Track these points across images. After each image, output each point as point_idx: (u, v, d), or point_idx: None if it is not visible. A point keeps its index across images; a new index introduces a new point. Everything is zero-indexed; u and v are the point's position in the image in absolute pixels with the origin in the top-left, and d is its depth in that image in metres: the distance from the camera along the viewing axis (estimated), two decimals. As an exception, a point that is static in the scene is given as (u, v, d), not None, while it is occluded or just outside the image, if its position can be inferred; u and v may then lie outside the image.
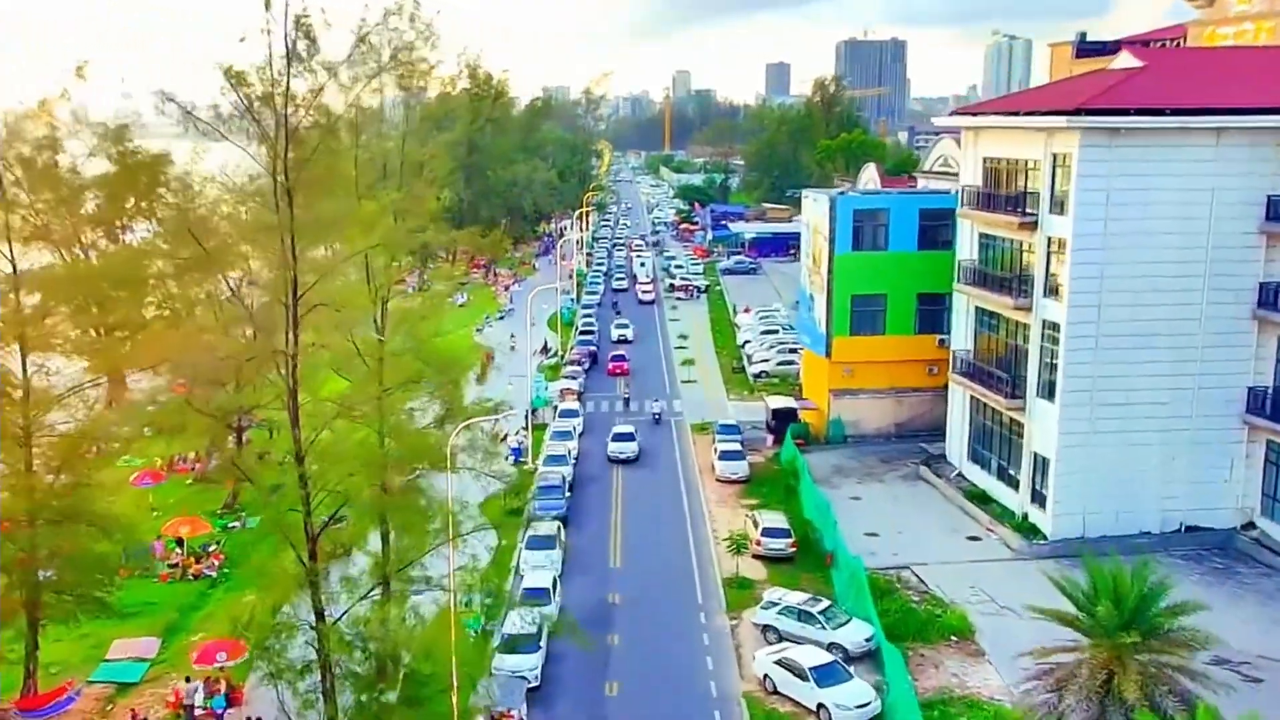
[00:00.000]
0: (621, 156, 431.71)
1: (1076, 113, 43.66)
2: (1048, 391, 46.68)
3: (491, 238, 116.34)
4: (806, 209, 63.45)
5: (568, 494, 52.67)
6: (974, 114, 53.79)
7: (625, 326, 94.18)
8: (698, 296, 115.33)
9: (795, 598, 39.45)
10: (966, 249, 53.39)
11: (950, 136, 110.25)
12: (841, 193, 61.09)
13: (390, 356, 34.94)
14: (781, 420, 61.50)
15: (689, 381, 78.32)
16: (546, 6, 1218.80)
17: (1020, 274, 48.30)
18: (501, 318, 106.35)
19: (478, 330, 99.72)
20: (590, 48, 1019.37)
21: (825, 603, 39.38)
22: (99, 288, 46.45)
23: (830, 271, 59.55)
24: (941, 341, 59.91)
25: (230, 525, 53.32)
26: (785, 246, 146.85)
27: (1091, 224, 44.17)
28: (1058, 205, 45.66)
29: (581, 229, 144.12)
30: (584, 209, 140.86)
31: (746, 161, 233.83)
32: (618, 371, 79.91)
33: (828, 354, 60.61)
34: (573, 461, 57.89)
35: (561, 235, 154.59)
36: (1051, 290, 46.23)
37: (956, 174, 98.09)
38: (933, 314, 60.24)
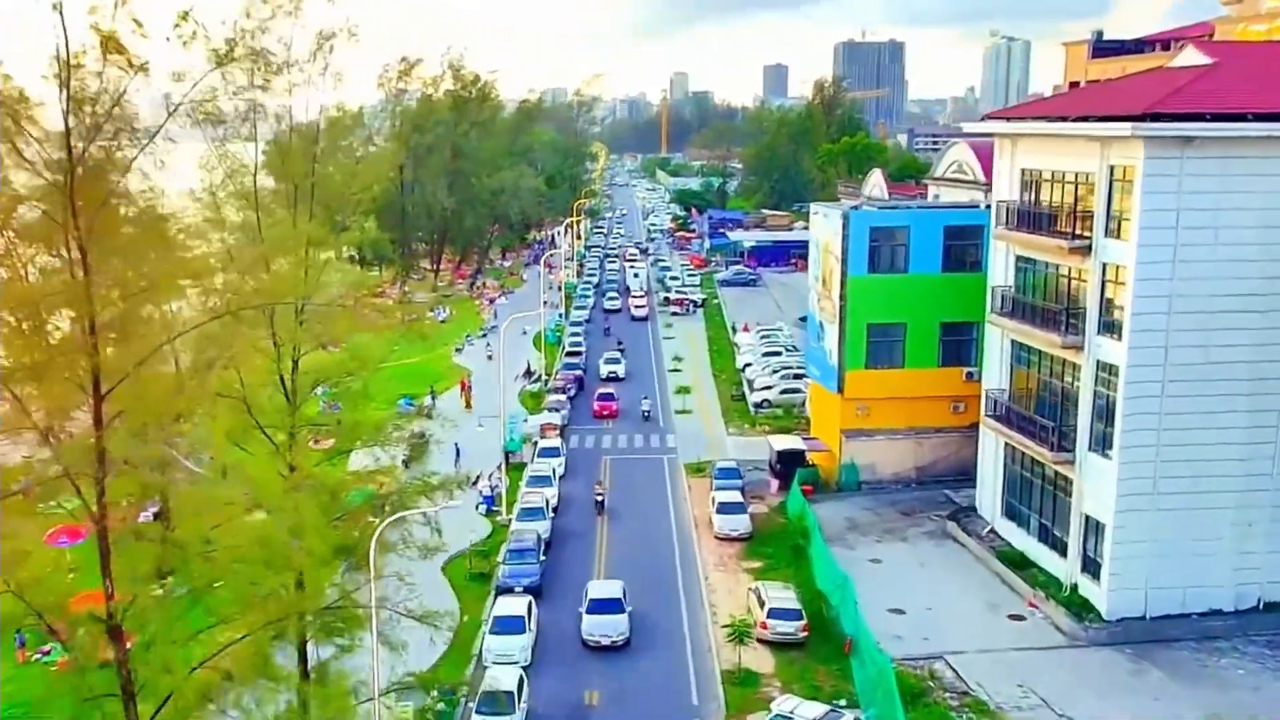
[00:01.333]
0: (618, 159, 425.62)
1: (1142, 118, 36.75)
2: (1102, 444, 39.78)
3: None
4: (816, 225, 56.54)
5: (542, 557, 45.65)
6: (1011, 118, 46.86)
7: (617, 361, 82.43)
8: (694, 311, 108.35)
9: (811, 711, 32.43)
10: (1001, 274, 46.47)
11: (965, 142, 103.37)
12: (855, 207, 54.20)
13: (302, 428, 27.97)
14: (788, 464, 54.58)
15: (684, 412, 71.30)
16: (543, 8, 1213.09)
17: (1069, 306, 41.38)
18: (484, 335, 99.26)
19: (457, 350, 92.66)
20: (587, 49, 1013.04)
21: (848, 718, 32.42)
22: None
23: (843, 297, 52.63)
24: (969, 375, 53.10)
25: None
26: (786, 255, 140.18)
27: (1157, 249, 37.29)
28: (1116, 227, 38.77)
29: (572, 239, 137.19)
30: (574, 219, 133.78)
31: (745, 165, 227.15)
32: (604, 414, 70.39)
33: (840, 390, 53.66)
34: (551, 514, 50.86)
35: (552, 242, 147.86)
36: (1108, 326, 39.32)
37: (972, 182, 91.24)
38: (958, 345, 53.41)
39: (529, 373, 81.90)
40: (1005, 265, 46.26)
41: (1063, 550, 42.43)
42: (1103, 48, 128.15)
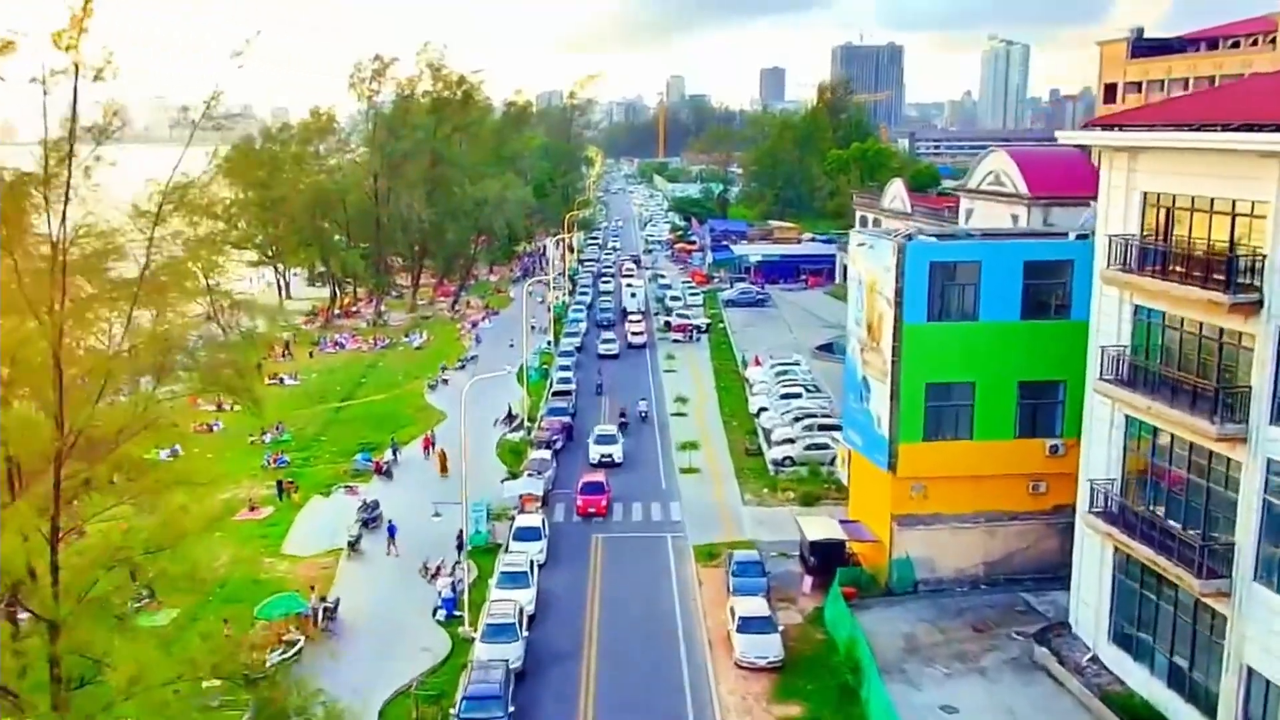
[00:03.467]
0: (614, 163, 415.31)
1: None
2: (1276, 575, 28.86)
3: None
4: (858, 258, 45.45)
5: (511, 708, 34.48)
6: (1127, 126, 35.76)
7: (611, 440, 62.09)
8: (698, 338, 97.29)
9: None
10: (1112, 329, 35.50)
11: (1004, 149, 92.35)
12: (910, 236, 43.11)
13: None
14: (824, 557, 43.65)
15: (690, 471, 60.17)
16: (535, 13, 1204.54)
17: (1224, 382, 30.42)
18: (463, 366, 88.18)
19: (430, 386, 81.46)
20: (581, 54, 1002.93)
21: None
22: None
23: (896, 350, 41.60)
24: (1053, 449, 42.18)
25: None
26: (795, 271, 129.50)
27: (1369, 312, 26.39)
28: (1302, 277, 27.87)
29: (564, 253, 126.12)
30: (566, 234, 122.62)
31: (746, 171, 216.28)
32: (590, 510, 53.27)
33: (891, 466, 42.58)
34: (525, 632, 39.66)
35: (543, 255, 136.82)
36: (1289, 415, 28.43)
37: (1013, 195, 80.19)
38: (1041, 410, 42.48)
39: (510, 417, 70.81)
40: (1118, 317, 35.27)
41: (1209, 708, 31.47)
42: (1143, 46, 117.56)
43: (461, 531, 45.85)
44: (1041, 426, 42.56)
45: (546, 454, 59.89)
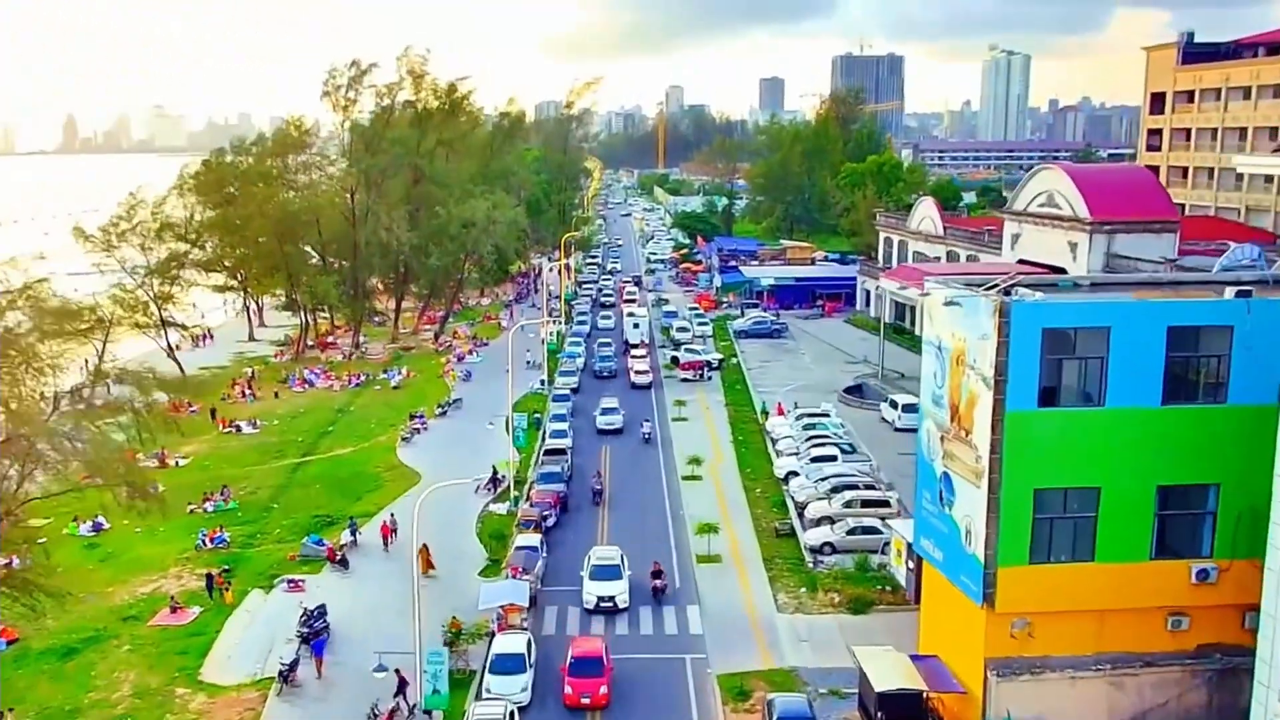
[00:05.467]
0: (614, 174, 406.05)
1: None
2: None
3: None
4: (938, 318, 34.96)
5: None
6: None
7: (612, 572, 45.00)
8: (709, 376, 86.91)
9: None
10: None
11: (1059, 166, 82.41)
12: (1009, 291, 32.63)
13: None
14: (896, 711, 33.23)
15: (710, 560, 49.70)
16: (536, 21, 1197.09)
17: None
18: (444, 411, 77.77)
19: (405, 438, 70.92)
20: (581, 62, 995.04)
21: None
22: None
23: (996, 445, 31.16)
24: (1201, 574, 31.82)
25: None
26: (810, 295, 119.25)
27: None
28: None
29: (559, 278, 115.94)
30: (561, 256, 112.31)
31: (752, 184, 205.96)
32: (583, 699, 36.50)
33: (987, 598, 32.10)
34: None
35: (538, 274, 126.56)
36: None
37: (1071, 219, 70.27)
38: (1185, 523, 32.12)
39: (495, 481, 60.47)
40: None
41: None
42: (1195, 52, 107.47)
43: (402, 683, 35.54)
44: (1185, 545, 32.19)
45: (535, 539, 49.29)
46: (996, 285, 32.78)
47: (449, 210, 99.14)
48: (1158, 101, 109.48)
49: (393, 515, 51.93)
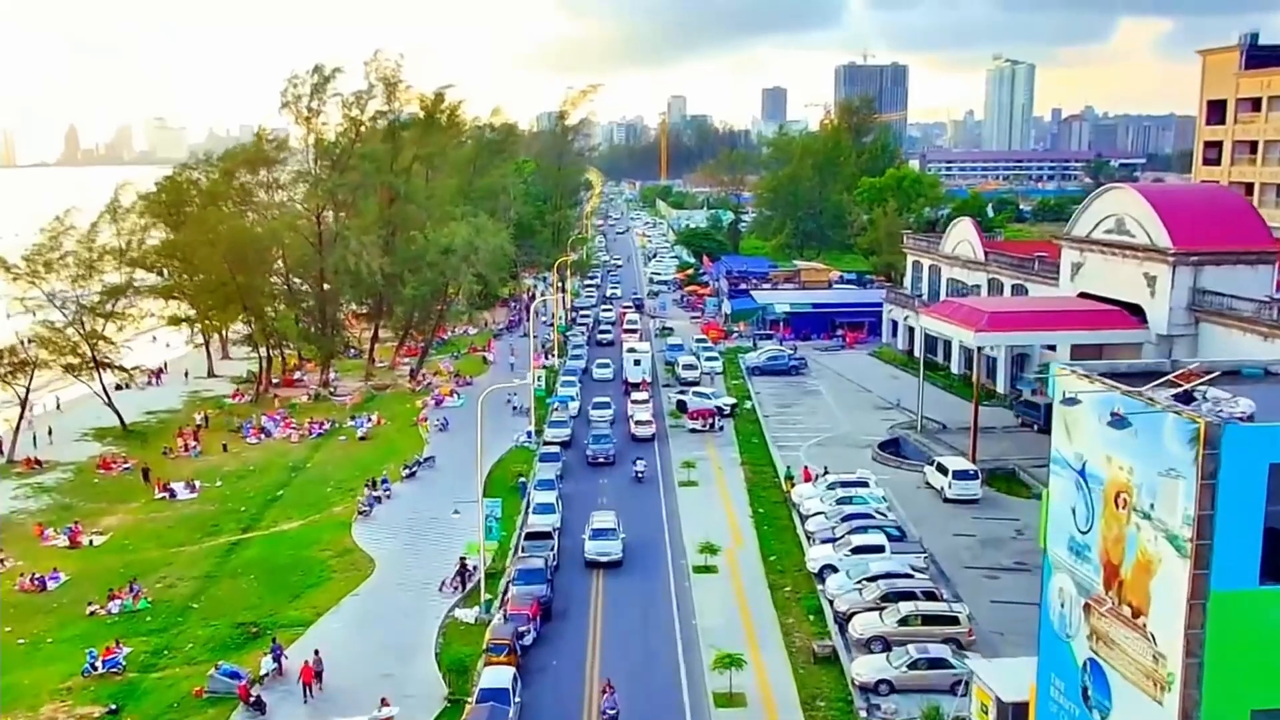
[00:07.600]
0: (615, 186, 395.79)
1: None
2: None
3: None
4: (1081, 431, 23.78)
5: None
6: None
7: None
8: (720, 426, 75.70)
9: None
10: None
11: (1131, 186, 71.63)
12: (1217, 407, 21.50)
13: None
14: None
15: (730, 703, 38.28)
16: (538, 33, 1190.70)
17: None
18: (412, 472, 66.51)
19: (363, 511, 59.60)
20: (583, 74, 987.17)
21: None
22: None
23: (1195, 640, 20.07)
24: None
25: None
26: (829, 324, 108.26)
27: None
28: None
29: (552, 309, 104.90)
30: (555, 280, 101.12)
31: (758, 198, 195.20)
32: None
33: None
34: None
35: (532, 298, 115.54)
36: None
37: (1148, 249, 59.57)
38: None
39: (463, 574, 49.31)
40: None
41: None
42: (1259, 55, 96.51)
43: None
44: None
45: (506, 676, 37.89)
46: (1183, 389, 21.60)
47: (426, 235, 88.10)
48: (1215, 110, 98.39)
49: (316, 653, 40.15)
